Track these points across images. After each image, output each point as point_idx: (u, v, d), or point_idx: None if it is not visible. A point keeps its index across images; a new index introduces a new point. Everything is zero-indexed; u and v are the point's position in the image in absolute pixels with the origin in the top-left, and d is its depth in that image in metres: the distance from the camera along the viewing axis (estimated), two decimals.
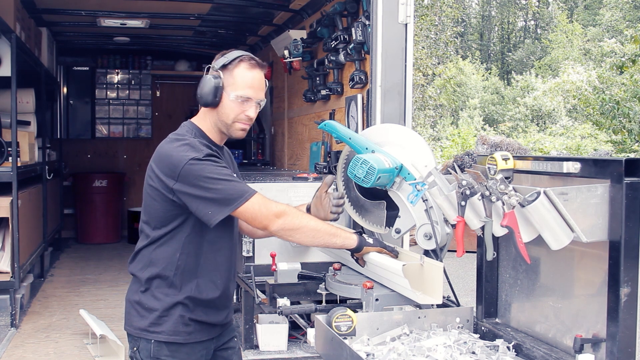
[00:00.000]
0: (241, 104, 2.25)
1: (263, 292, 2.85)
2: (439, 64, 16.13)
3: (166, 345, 2.20)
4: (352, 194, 2.86)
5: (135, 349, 2.24)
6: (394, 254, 2.45)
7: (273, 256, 2.99)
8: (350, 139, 2.71)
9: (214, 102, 2.24)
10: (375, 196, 2.76)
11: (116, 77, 9.62)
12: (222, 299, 2.32)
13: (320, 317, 2.14)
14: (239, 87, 2.24)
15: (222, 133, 2.32)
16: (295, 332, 4.49)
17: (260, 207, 2.16)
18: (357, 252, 2.40)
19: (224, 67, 2.26)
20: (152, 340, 2.21)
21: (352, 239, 2.35)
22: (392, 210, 2.68)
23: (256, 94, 2.27)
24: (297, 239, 2.24)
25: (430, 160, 2.59)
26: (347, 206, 2.89)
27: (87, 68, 9.42)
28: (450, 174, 2.23)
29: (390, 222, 2.69)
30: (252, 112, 2.27)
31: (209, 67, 2.29)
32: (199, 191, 2.12)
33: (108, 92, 9.59)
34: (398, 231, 2.62)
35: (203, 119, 2.32)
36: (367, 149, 2.64)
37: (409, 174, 2.54)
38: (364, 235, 2.44)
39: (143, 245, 2.25)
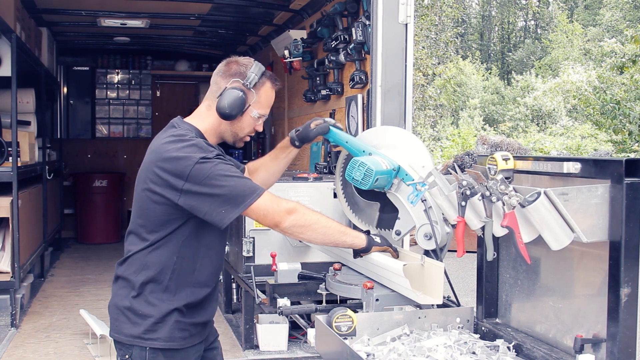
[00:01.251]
0: (257, 120, 2.31)
1: (263, 292, 2.85)
2: (439, 64, 16.11)
3: (162, 352, 2.15)
4: (349, 190, 2.86)
5: (127, 356, 2.18)
6: (397, 253, 2.45)
7: (273, 256, 3.00)
8: (347, 142, 2.72)
9: (236, 117, 2.25)
10: (375, 197, 2.76)
11: (116, 77, 9.61)
12: (212, 295, 2.29)
13: (320, 317, 2.14)
14: (263, 107, 2.30)
15: (222, 139, 2.32)
16: (296, 332, 4.49)
17: (272, 203, 2.13)
18: (365, 252, 2.39)
19: (252, 83, 2.25)
20: (147, 348, 2.14)
21: (361, 238, 2.34)
22: (391, 212, 2.68)
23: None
24: (308, 237, 2.20)
25: (428, 161, 2.59)
26: (342, 201, 2.89)
27: (87, 68, 9.41)
28: (451, 174, 2.23)
29: (389, 225, 2.69)
30: (261, 127, 2.35)
31: (235, 80, 2.24)
32: (210, 189, 2.06)
33: (108, 92, 9.58)
34: (398, 233, 2.62)
35: (202, 122, 2.29)
36: (364, 151, 2.64)
37: (406, 175, 2.54)
38: (371, 234, 2.44)
39: (138, 249, 2.18)
